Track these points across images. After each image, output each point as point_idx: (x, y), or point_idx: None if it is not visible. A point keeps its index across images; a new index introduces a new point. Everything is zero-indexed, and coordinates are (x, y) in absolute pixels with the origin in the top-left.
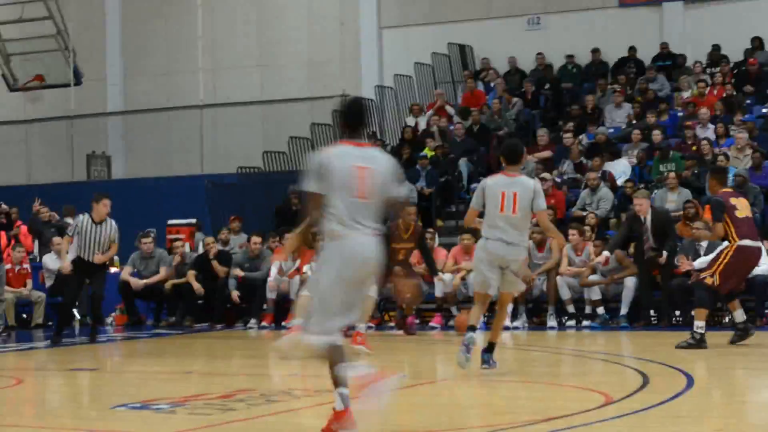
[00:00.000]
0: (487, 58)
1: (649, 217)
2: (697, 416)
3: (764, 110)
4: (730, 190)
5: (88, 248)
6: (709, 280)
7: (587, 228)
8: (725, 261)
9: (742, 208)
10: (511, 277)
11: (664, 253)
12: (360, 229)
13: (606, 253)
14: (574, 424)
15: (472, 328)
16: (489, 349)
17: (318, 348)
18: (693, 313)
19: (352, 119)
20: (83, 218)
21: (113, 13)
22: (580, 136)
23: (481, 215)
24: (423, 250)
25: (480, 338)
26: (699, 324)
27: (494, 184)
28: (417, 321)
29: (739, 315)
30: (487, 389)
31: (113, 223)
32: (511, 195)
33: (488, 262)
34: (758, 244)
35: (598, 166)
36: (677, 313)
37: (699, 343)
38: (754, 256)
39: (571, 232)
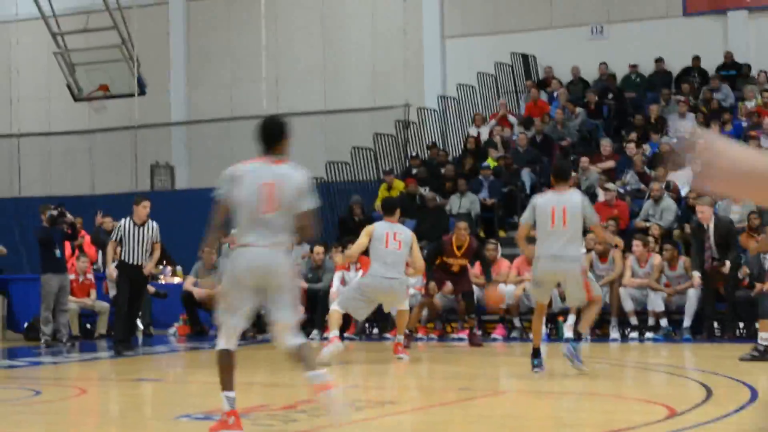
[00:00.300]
0: (551, 67)
1: (711, 225)
2: (762, 429)
3: None
4: None
5: (132, 251)
6: None
7: (651, 239)
8: None
9: None
10: (571, 289)
11: (727, 263)
12: (258, 242)
13: (697, 273)
14: None
15: (536, 352)
16: (537, 353)
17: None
18: (757, 324)
19: (265, 137)
20: (124, 222)
21: (177, 23)
22: (644, 146)
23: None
24: (482, 262)
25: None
26: (764, 336)
27: (544, 201)
28: (479, 332)
29: None
30: (550, 401)
31: (154, 224)
32: (561, 210)
33: (539, 281)
34: None
35: (662, 176)
36: (741, 325)
37: (763, 354)
38: None
39: (635, 243)
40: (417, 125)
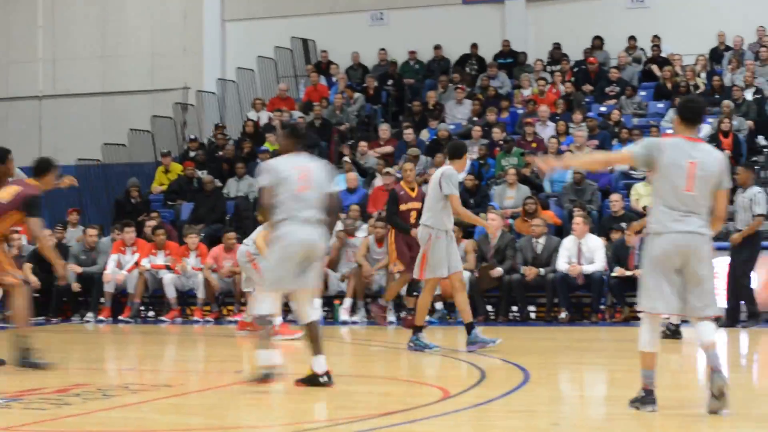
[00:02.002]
0: (327, 51)
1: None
2: (533, 410)
3: (603, 109)
4: None
5: None
6: None
7: None
8: None
9: None
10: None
11: (499, 269)
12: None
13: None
14: (413, 419)
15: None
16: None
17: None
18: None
19: None
20: None
21: None
22: (422, 132)
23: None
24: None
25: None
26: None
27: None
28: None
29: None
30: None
31: None
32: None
33: None
34: None
35: (439, 162)
36: (514, 308)
37: (674, 333)
38: None
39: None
40: (196, 108)
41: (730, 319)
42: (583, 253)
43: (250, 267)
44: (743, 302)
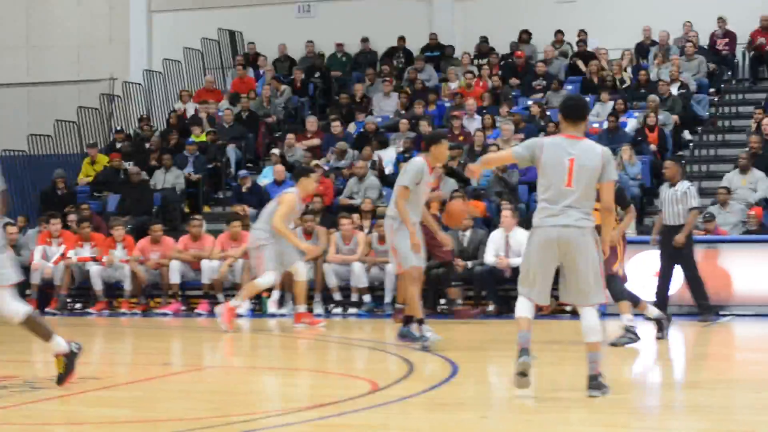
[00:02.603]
0: (254, 43)
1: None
2: (462, 403)
3: (530, 102)
4: None
5: None
6: None
7: (356, 216)
8: None
9: None
10: None
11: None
12: None
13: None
14: (341, 411)
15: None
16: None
17: None
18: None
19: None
20: None
21: None
22: (349, 125)
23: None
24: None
25: None
26: (626, 317)
27: None
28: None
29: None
30: (254, 377)
31: None
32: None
33: None
34: None
35: (367, 155)
36: (442, 301)
37: (637, 336)
38: None
39: (343, 221)
40: (122, 99)
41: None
42: (510, 246)
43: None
44: (697, 297)
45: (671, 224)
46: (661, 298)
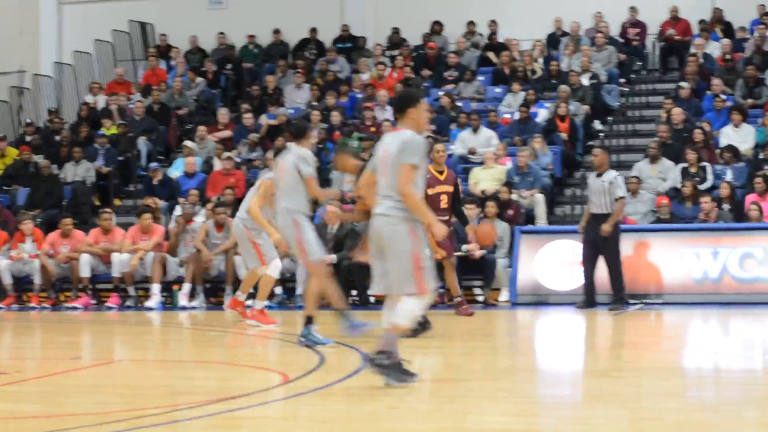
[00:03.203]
0: (166, 35)
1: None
2: (372, 394)
3: (441, 93)
4: None
5: None
6: None
7: None
8: None
9: None
10: None
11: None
12: None
13: None
14: (251, 404)
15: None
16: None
17: None
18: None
19: None
20: None
21: None
22: (261, 117)
23: None
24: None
25: None
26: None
27: None
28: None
29: None
30: (165, 371)
31: None
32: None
33: None
34: None
35: (280, 146)
36: (353, 293)
37: None
38: None
39: None
40: (32, 92)
41: (587, 303)
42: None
43: (250, 244)
44: (615, 286)
45: (598, 213)
46: (588, 287)
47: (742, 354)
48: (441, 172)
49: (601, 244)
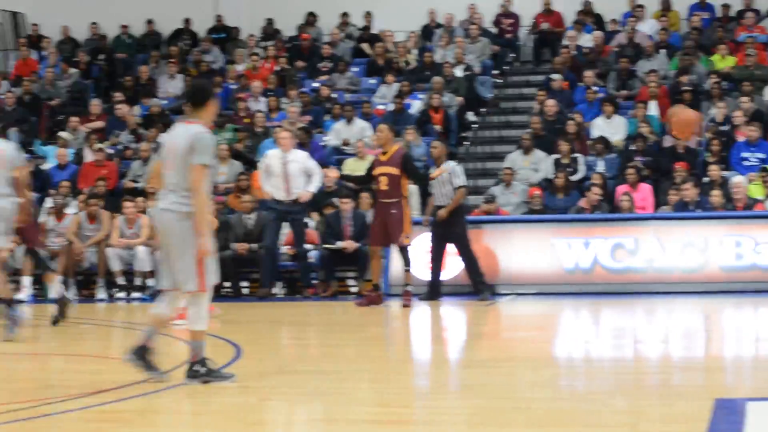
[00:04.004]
0: (37, 24)
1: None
2: (245, 386)
3: (315, 84)
4: None
5: None
6: None
7: (140, 200)
8: None
9: None
10: None
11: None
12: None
13: None
14: (121, 397)
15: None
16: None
17: None
18: None
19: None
20: None
21: None
22: (134, 107)
23: None
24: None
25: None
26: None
27: None
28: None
29: None
30: (35, 364)
31: None
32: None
33: None
34: None
35: (152, 137)
36: (227, 284)
37: None
38: None
39: (126, 204)
40: None
41: (432, 294)
42: None
43: None
44: (472, 275)
45: (441, 204)
46: (434, 278)
47: (612, 343)
48: (384, 153)
49: (448, 235)
